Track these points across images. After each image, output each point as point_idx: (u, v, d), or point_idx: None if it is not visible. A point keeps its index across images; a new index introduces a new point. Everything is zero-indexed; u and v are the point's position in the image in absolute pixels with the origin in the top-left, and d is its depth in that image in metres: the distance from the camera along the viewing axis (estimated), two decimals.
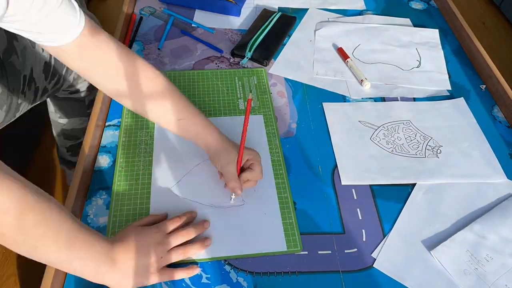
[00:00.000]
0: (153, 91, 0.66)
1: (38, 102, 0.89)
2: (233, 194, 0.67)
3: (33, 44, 0.81)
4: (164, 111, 0.67)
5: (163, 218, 0.66)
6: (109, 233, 0.64)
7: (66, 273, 0.60)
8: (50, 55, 0.84)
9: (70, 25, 0.55)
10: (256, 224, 0.66)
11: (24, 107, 0.84)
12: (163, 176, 0.71)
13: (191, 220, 0.66)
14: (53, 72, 0.84)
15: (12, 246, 0.48)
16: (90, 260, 0.53)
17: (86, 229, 0.54)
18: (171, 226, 0.62)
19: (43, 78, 0.82)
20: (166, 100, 0.67)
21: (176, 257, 0.60)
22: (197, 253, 0.62)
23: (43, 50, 0.82)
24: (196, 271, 0.61)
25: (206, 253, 0.63)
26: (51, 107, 1.09)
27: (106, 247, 0.55)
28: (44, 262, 0.52)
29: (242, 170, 0.68)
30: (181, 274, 0.60)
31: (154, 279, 0.58)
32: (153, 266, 0.58)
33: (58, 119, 1.11)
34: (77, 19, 0.55)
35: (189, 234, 0.62)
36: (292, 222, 0.67)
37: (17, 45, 0.79)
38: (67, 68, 0.88)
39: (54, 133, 1.17)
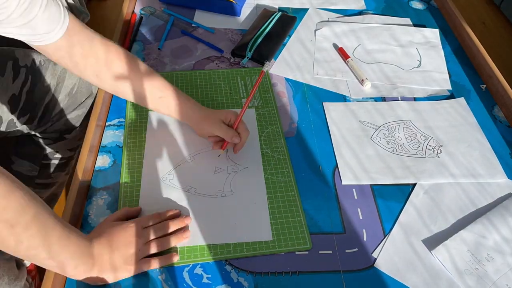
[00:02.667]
0: (132, 74, 0.70)
1: (3, 130, 0.79)
2: (222, 151, 0.73)
3: (2, 73, 0.75)
4: (145, 91, 0.71)
5: (137, 211, 0.66)
6: None
7: None
8: (21, 90, 0.77)
9: (57, 23, 0.59)
10: (243, 213, 0.67)
11: None
12: (154, 167, 0.73)
13: (171, 218, 0.65)
14: (22, 108, 0.78)
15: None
16: (70, 258, 0.54)
17: (63, 226, 0.54)
18: (149, 221, 0.63)
19: (7, 109, 0.76)
20: (145, 81, 0.71)
21: (153, 249, 0.61)
22: (177, 243, 0.63)
23: (13, 81, 0.76)
24: (175, 258, 0.61)
25: (190, 241, 0.64)
26: None
27: (84, 244, 0.56)
28: (26, 259, 0.53)
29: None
30: (160, 262, 0.61)
31: (132, 272, 0.59)
32: (131, 258, 0.59)
33: None
34: (62, 17, 0.60)
35: (166, 227, 0.63)
36: (301, 220, 0.67)
37: None
38: (44, 111, 0.82)
39: None
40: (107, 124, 0.80)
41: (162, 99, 0.73)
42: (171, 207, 0.67)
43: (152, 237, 0.62)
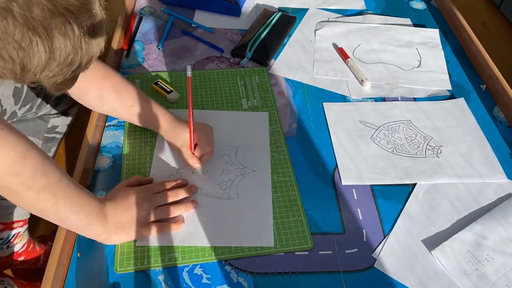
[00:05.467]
0: (101, 84, 0.69)
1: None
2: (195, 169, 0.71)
3: None
4: (115, 100, 0.70)
5: (149, 180, 0.70)
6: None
7: (67, 273, 0.60)
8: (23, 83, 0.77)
9: None
10: (247, 217, 0.67)
11: None
12: (163, 166, 0.74)
13: (181, 186, 0.69)
14: (25, 99, 0.78)
15: (22, 201, 0.53)
16: (85, 216, 0.58)
17: (81, 188, 0.58)
18: (159, 187, 0.67)
19: (12, 102, 0.76)
20: (115, 90, 0.70)
21: (162, 214, 0.64)
22: (185, 212, 0.66)
23: None
24: (182, 225, 0.65)
25: (192, 241, 0.64)
26: None
27: (97, 206, 0.59)
28: (43, 216, 0.56)
29: (196, 145, 0.72)
30: (169, 227, 0.64)
31: (142, 234, 0.62)
32: (141, 221, 0.62)
33: None
34: None
35: (176, 194, 0.66)
36: (302, 220, 0.67)
37: None
38: (43, 99, 0.82)
39: None
40: (106, 124, 0.80)
41: (132, 108, 0.71)
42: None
43: (162, 202, 0.65)
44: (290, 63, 0.96)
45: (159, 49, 0.96)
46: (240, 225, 0.66)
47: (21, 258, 0.98)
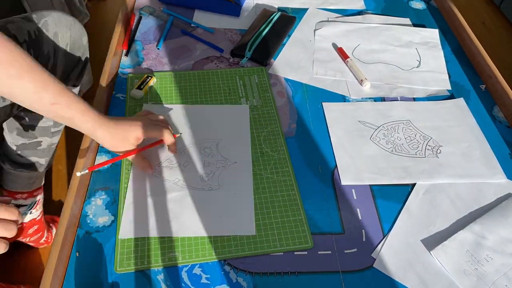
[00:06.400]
0: (17, 71, 0.59)
1: (15, 113, 0.82)
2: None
3: None
4: (33, 94, 0.60)
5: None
6: (118, 232, 0.64)
7: (65, 272, 0.60)
8: None
9: None
10: (229, 208, 0.68)
11: (0, 116, 0.78)
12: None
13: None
14: None
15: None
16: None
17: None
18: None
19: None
20: (36, 82, 0.60)
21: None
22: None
23: None
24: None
25: (176, 232, 0.65)
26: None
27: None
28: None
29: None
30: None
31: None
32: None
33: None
34: None
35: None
36: (302, 219, 0.67)
37: None
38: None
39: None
40: None
41: (54, 106, 0.62)
42: (160, 198, 0.68)
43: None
44: (290, 63, 0.96)
45: (158, 49, 0.96)
46: (223, 215, 0.67)
47: (35, 227, 1.03)
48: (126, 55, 0.94)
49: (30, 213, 1.00)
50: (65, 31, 0.82)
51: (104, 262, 0.61)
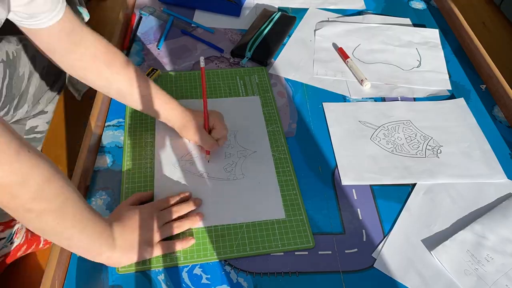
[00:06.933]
0: (117, 70, 0.69)
1: None
2: (208, 156, 0.74)
3: None
4: (128, 89, 0.70)
5: (150, 196, 0.69)
6: None
7: (67, 272, 0.60)
8: (2, 86, 0.76)
9: (56, 4, 0.59)
10: (255, 194, 0.70)
11: None
12: (166, 154, 0.75)
13: (183, 200, 0.68)
14: (3, 102, 0.77)
15: (22, 220, 0.50)
16: (91, 240, 0.56)
17: (88, 210, 0.55)
18: (164, 203, 0.66)
19: None
20: (130, 79, 0.69)
21: (171, 230, 0.63)
22: (192, 226, 0.65)
23: None
24: (192, 241, 0.63)
25: (206, 222, 0.66)
26: None
27: (106, 227, 0.57)
28: (46, 237, 0.54)
29: (209, 132, 0.74)
30: (178, 246, 0.63)
31: (151, 253, 0.61)
32: (150, 240, 0.61)
33: None
34: (60, 2, 0.60)
35: (181, 209, 0.66)
36: (303, 219, 0.68)
37: None
38: (20, 99, 0.81)
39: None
40: (106, 124, 0.80)
41: (144, 99, 0.71)
42: (186, 190, 0.70)
43: (168, 219, 0.64)
44: (290, 63, 0.96)
45: (158, 49, 0.96)
46: (250, 203, 0.69)
47: (24, 248, 1.00)
48: (127, 55, 0.94)
49: (12, 243, 0.94)
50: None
51: None
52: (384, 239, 0.66)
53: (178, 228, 0.64)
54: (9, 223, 0.94)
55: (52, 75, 0.87)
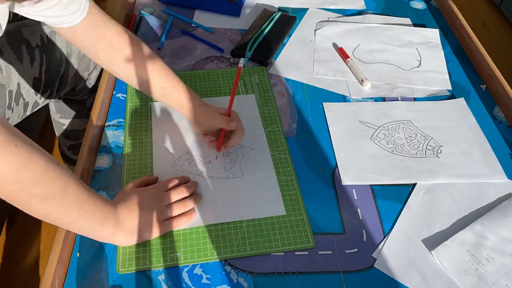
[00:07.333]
0: (141, 61, 0.71)
1: (29, 114, 0.87)
2: (218, 153, 0.74)
3: (20, 59, 0.78)
4: (150, 79, 0.72)
5: (155, 179, 0.70)
6: None
7: (67, 272, 0.60)
8: (40, 71, 0.81)
9: (80, 3, 0.62)
10: (255, 192, 0.70)
11: (13, 120, 0.83)
12: (164, 154, 0.75)
13: (184, 182, 0.70)
14: (44, 87, 0.82)
15: (27, 207, 0.51)
16: (96, 222, 0.58)
17: (90, 193, 0.57)
18: (168, 184, 0.68)
19: (32, 93, 0.80)
20: (152, 69, 0.72)
21: (175, 211, 0.65)
22: (195, 205, 0.67)
23: (32, 65, 0.80)
24: (193, 215, 0.66)
25: (209, 219, 0.66)
26: (52, 107, 1.08)
27: (112, 209, 0.59)
28: (51, 222, 0.54)
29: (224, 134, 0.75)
30: (180, 222, 0.65)
31: (156, 233, 0.63)
32: (154, 220, 0.63)
33: (59, 119, 1.10)
34: (83, 2, 0.62)
35: (184, 190, 0.67)
36: (303, 219, 0.68)
37: (0, 61, 0.77)
38: (60, 81, 0.87)
39: (56, 132, 1.16)
40: (106, 124, 0.80)
41: (165, 90, 0.74)
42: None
43: (172, 200, 0.66)
44: (290, 63, 0.96)
45: (158, 49, 0.96)
46: (250, 200, 0.69)
47: None
48: None
49: None
50: None
51: (105, 263, 0.61)
52: (384, 239, 0.66)
53: (184, 207, 0.66)
54: None
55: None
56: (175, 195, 0.66)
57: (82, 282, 0.59)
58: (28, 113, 0.85)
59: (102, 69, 0.95)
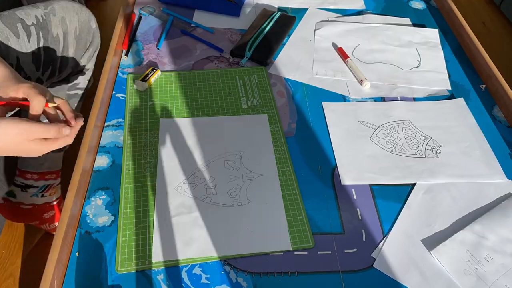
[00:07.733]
0: None
1: None
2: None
3: (16, 35, 0.78)
4: None
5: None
6: (119, 235, 0.64)
7: (66, 272, 0.60)
8: (38, 47, 0.81)
9: None
10: (260, 223, 0.67)
11: None
12: (168, 176, 0.72)
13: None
14: (44, 63, 0.83)
15: None
16: None
17: None
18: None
19: (33, 69, 0.81)
20: None
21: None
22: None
23: (29, 40, 0.79)
24: (81, 121, 0.58)
25: (209, 253, 0.63)
26: None
27: None
28: None
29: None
30: (66, 129, 0.56)
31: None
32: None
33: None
34: None
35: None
36: (303, 219, 0.67)
37: None
38: (61, 60, 0.87)
39: None
40: (105, 124, 0.80)
41: None
42: (186, 216, 0.67)
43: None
44: (290, 63, 0.96)
45: (158, 49, 0.96)
46: (255, 232, 0.65)
47: (52, 213, 1.04)
48: (126, 55, 0.94)
49: (42, 196, 0.97)
50: (72, 15, 0.84)
51: (104, 262, 0.61)
52: (384, 239, 0.66)
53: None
54: (43, 175, 0.97)
55: (86, 34, 0.89)
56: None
57: (81, 282, 0.59)
58: None
59: (96, 62, 0.95)
